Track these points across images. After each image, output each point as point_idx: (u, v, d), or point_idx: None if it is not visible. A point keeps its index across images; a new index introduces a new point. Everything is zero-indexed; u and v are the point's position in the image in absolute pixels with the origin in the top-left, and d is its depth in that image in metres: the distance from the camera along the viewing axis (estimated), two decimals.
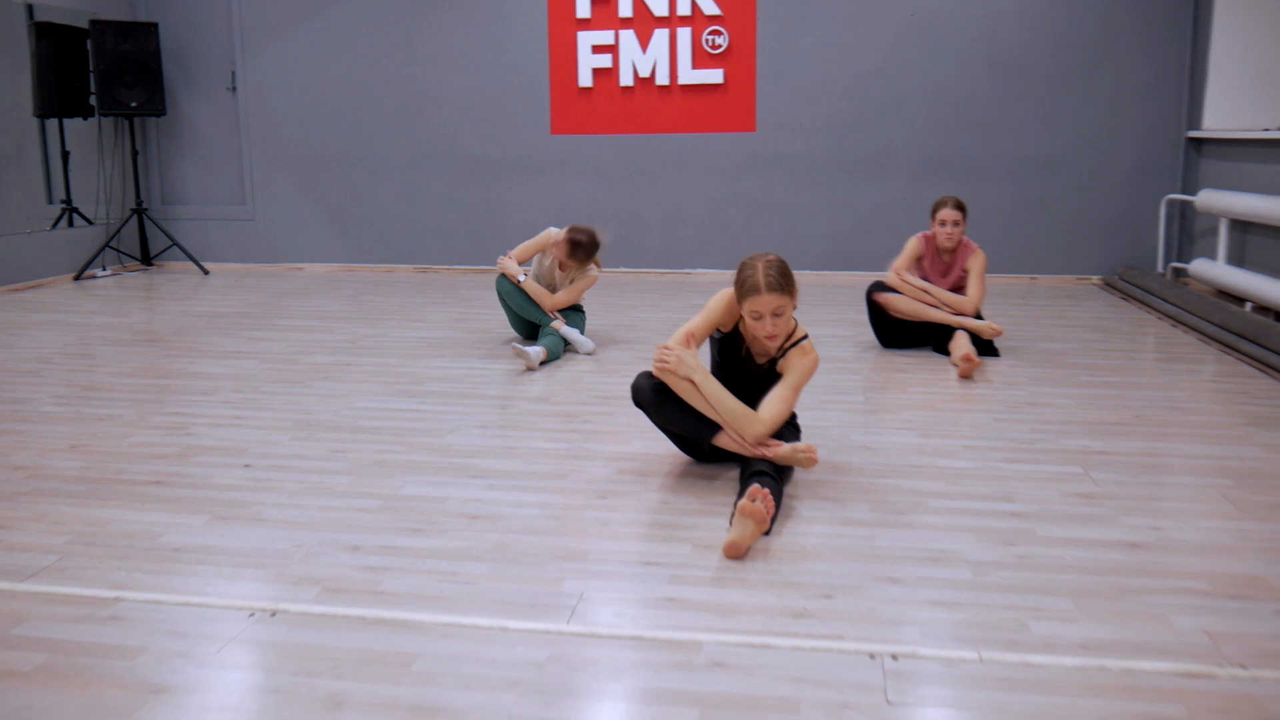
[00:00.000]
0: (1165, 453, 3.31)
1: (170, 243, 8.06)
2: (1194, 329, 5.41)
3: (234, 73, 8.05)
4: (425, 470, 3.15)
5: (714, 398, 2.92)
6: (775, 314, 2.91)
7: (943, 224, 4.86)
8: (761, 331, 2.95)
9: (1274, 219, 5.49)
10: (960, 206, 4.89)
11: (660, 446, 3.34)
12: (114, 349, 5.06)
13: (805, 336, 3.08)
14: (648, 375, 3.05)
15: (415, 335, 5.36)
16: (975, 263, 4.89)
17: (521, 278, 4.88)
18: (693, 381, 2.93)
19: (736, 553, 2.47)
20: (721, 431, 2.93)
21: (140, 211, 8.01)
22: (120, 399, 4.05)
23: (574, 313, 5.03)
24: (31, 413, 3.86)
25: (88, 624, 2.17)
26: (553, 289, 5.00)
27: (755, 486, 2.57)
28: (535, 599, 2.27)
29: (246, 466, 3.20)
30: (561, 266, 4.98)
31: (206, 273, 8.01)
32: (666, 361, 2.90)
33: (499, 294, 4.97)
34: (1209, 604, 2.23)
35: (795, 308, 3.00)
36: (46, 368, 4.65)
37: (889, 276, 4.90)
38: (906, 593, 2.29)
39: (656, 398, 3.00)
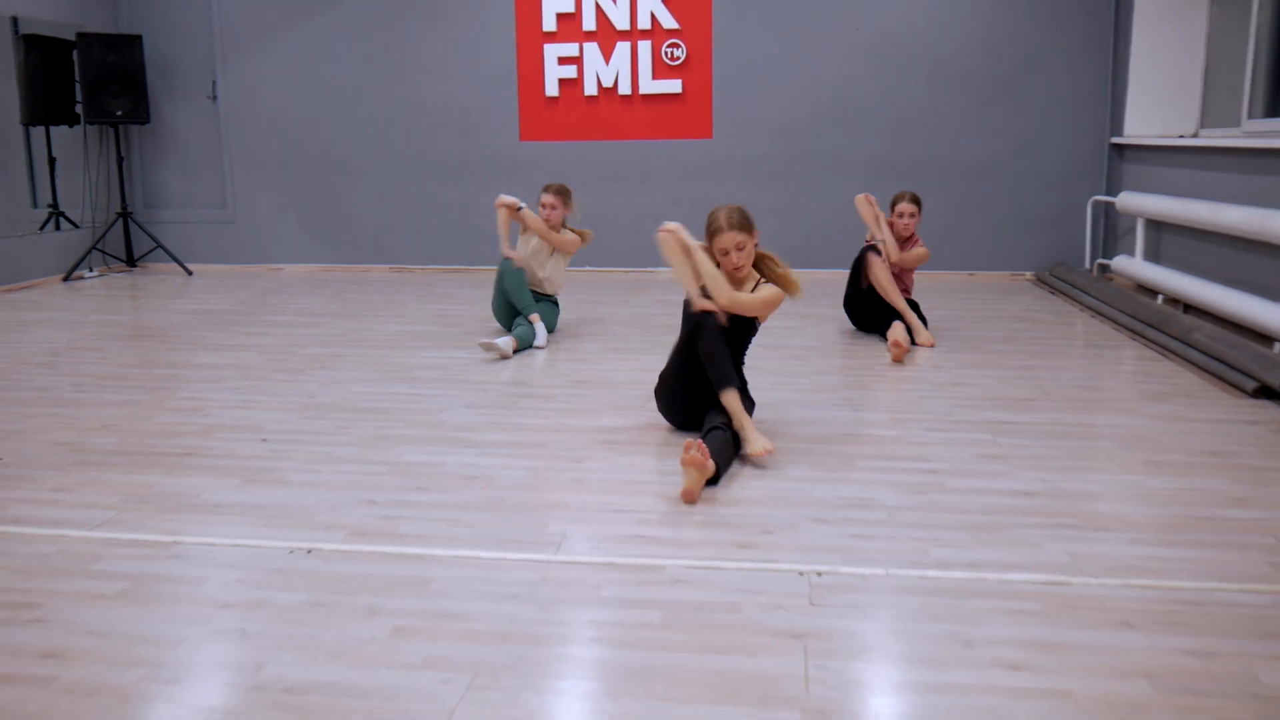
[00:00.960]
0: (1063, 422, 3.84)
1: (155, 244, 8.41)
2: (1110, 319, 5.97)
3: (214, 82, 8.41)
4: (423, 442, 3.61)
5: (701, 261, 3.55)
6: (738, 248, 3.56)
7: (900, 215, 5.45)
8: (729, 265, 3.57)
9: (1183, 219, 6.06)
10: (916, 200, 5.50)
11: (626, 420, 3.81)
12: (117, 344, 5.45)
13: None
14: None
15: (399, 329, 5.79)
16: (918, 249, 5.47)
17: (522, 206, 5.50)
18: (687, 248, 3.57)
19: (690, 498, 2.96)
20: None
21: (125, 215, 8.36)
22: (135, 387, 4.45)
23: (550, 305, 5.50)
24: (57, 398, 4.26)
25: (154, 561, 2.60)
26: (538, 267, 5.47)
27: (690, 440, 3.04)
28: (526, 538, 2.74)
29: (264, 441, 3.63)
30: (549, 223, 5.47)
31: (190, 273, 8.37)
32: (669, 227, 3.61)
33: (500, 273, 5.37)
34: (1076, 534, 2.74)
35: (756, 244, 3.64)
36: (58, 360, 5.03)
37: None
38: (832, 529, 2.78)
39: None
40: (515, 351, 5.05)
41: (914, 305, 5.45)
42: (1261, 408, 4.02)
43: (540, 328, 5.26)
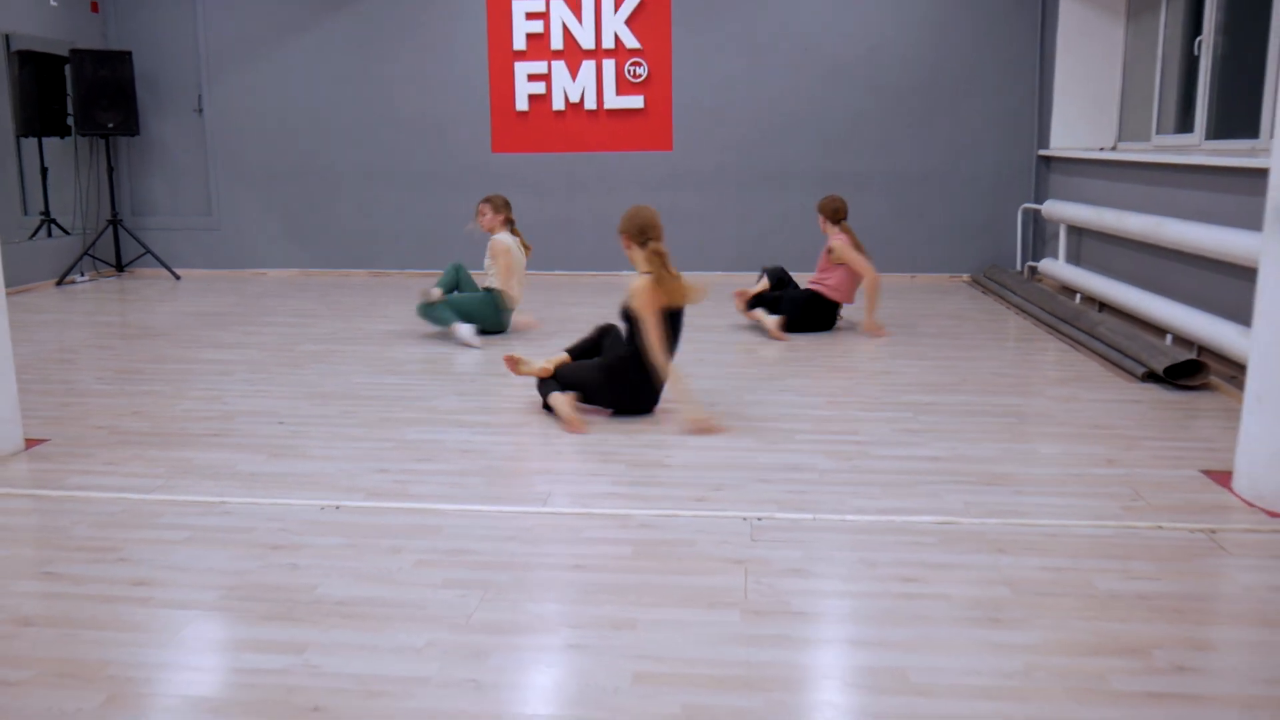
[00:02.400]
0: (976, 403, 4.44)
1: (144, 250, 8.85)
2: (1034, 317, 6.61)
3: (200, 96, 8.87)
4: (422, 424, 4.14)
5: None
6: (625, 247, 4.18)
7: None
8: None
9: (1098, 225, 6.72)
10: (820, 209, 6.17)
11: (597, 408, 4.37)
12: (125, 342, 5.91)
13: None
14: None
15: (384, 329, 6.30)
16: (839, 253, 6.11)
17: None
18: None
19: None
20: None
21: (115, 222, 8.80)
22: (154, 379, 4.94)
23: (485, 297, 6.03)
24: (85, 389, 4.74)
25: (208, 516, 3.12)
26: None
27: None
28: (518, 495, 3.29)
29: (281, 423, 4.14)
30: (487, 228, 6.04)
31: (178, 278, 8.81)
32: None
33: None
34: (971, 488, 3.33)
35: (628, 247, 4.16)
36: (75, 357, 5.49)
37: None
38: (772, 487, 3.35)
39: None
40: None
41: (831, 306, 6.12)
42: (1147, 390, 4.66)
43: (463, 328, 5.73)
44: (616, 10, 8.31)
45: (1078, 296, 7.02)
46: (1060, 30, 7.95)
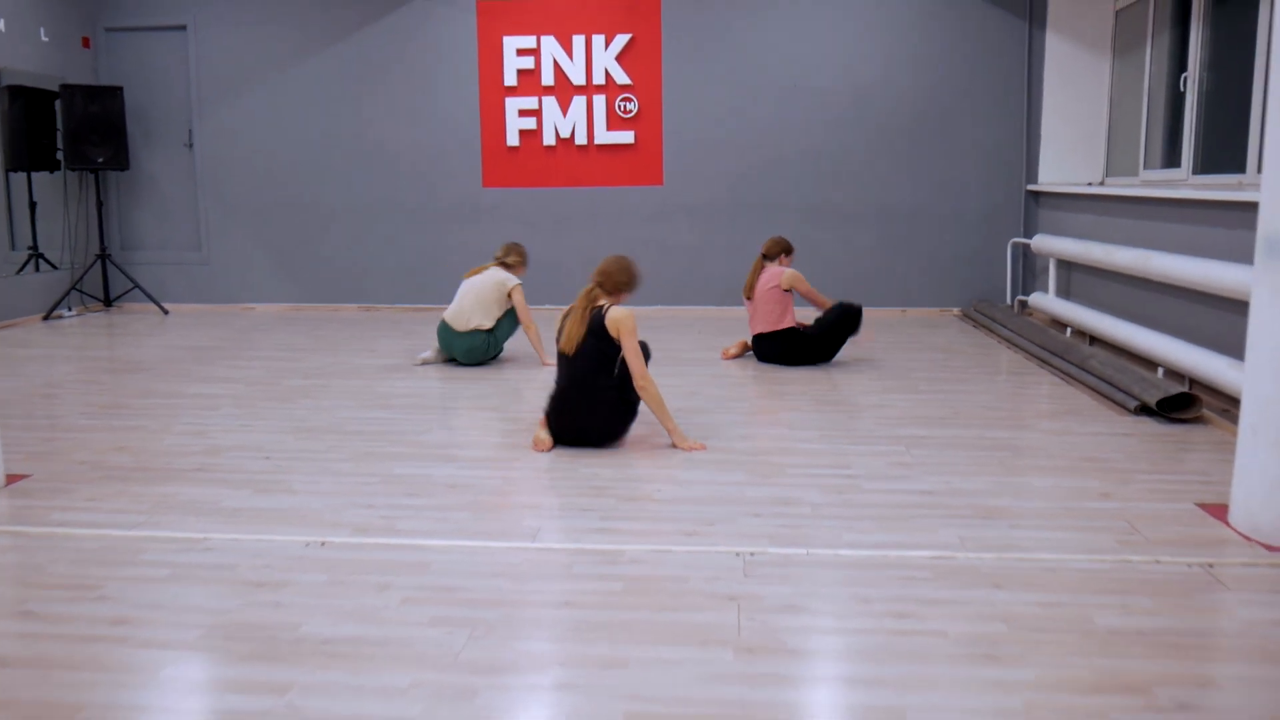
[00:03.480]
0: (969, 436, 4.41)
1: (132, 285, 8.80)
2: (1025, 350, 6.60)
3: (191, 130, 8.87)
4: (410, 458, 4.09)
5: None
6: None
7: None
8: None
9: (1087, 259, 6.73)
10: (781, 246, 6.28)
11: (603, 454, 4.34)
12: (112, 376, 5.86)
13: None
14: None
15: (373, 363, 6.26)
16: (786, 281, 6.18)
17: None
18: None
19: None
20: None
21: (104, 256, 8.76)
22: (140, 414, 4.88)
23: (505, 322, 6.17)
24: (70, 424, 4.68)
25: (190, 552, 3.06)
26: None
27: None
28: (507, 531, 3.24)
29: (267, 459, 4.09)
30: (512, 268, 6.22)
31: (166, 312, 8.76)
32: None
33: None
34: (966, 522, 3.29)
35: (615, 299, 4.35)
36: (60, 392, 5.43)
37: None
38: (764, 522, 3.31)
39: None
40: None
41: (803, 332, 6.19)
42: (1140, 423, 4.64)
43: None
44: (607, 47, 8.36)
45: (1069, 330, 7.03)
46: (1047, 66, 8.02)
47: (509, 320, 6.13)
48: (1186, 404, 4.73)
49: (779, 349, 6.04)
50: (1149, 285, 6.02)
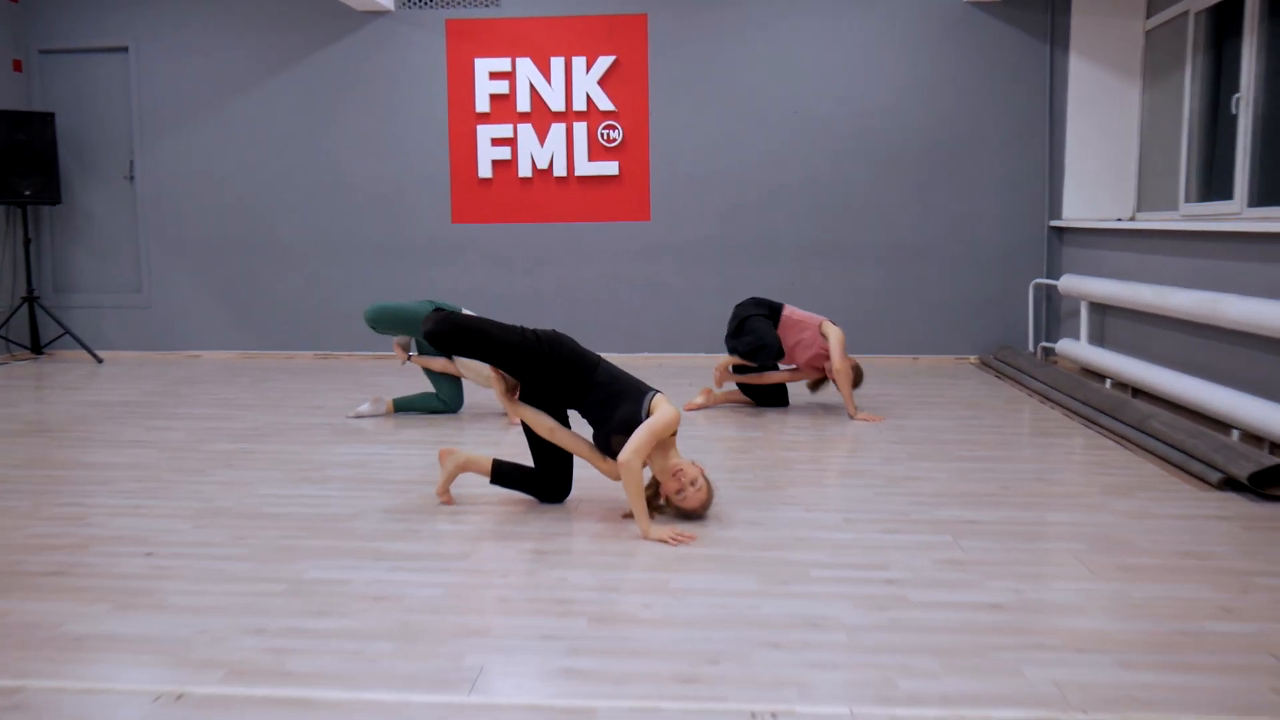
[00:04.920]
0: (1028, 521, 3.58)
1: (63, 331, 7.94)
2: (1060, 405, 5.79)
3: (132, 161, 8.07)
4: (329, 554, 3.23)
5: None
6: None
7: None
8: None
9: (1128, 302, 5.95)
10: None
11: (557, 526, 3.48)
12: (6, 440, 4.99)
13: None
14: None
15: (317, 422, 5.41)
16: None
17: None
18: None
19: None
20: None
21: (31, 299, 7.90)
22: (14, 491, 4.02)
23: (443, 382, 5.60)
24: None
25: None
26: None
27: None
28: (437, 674, 2.38)
29: (148, 555, 3.22)
30: None
31: (100, 361, 7.90)
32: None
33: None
34: (1058, 658, 2.45)
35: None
36: None
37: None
38: (787, 656, 2.46)
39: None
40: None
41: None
42: (1228, 500, 3.82)
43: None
44: (589, 70, 7.61)
45: (1107, 382, 6.22)
46: (1071, 92, 7.31)
47: None
48: None
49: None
50: (1212, 332, 5.23)
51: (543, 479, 3.78)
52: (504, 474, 3.80)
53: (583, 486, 4.02)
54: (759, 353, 5.38)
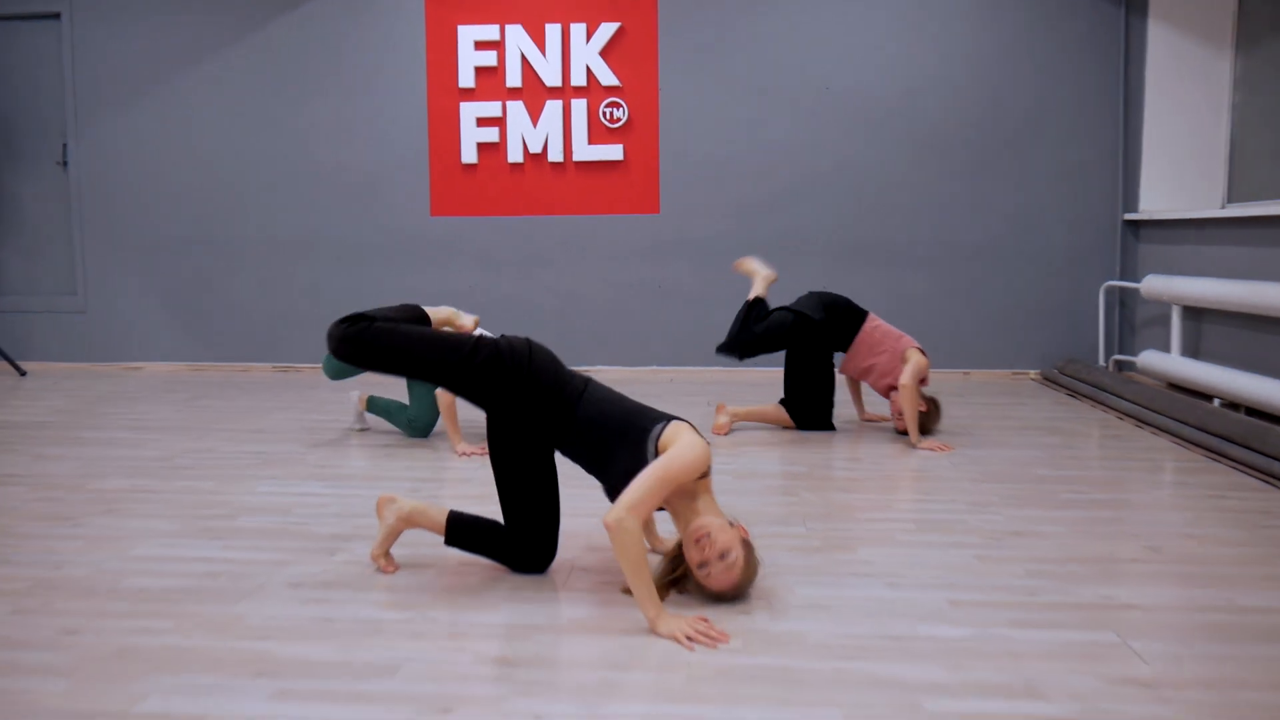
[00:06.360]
0: (1215, 605, 2.51)
1: None
2: (1165, 430, 4.73)
3: (65, 145, 7.05)
4: (189, 665, 2.15)
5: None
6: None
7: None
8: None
9: (1232, 305, 4.90)
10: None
11: (533, 614, 2.42)
12: None
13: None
14: None
15: (248, 449, 4.35)
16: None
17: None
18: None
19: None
20: None
21: None
22: None
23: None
24: None
25: None
26: None
27: None
28: None
29: None
30: None
31: (23, 373, 6.84)
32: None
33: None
34: None
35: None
36: None
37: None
38: None
39: None
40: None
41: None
42: None
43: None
44: (589, 39, 6.58)
45: (1216, 401, 5.15)
46: (1150, 65, 6.26)
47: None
48: None
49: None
50: None
51: (516, 540, 2.71)
52: (463, 532, 2.74)
53: (571, 545, 2.95)
54: (727, 345, 4.68)
